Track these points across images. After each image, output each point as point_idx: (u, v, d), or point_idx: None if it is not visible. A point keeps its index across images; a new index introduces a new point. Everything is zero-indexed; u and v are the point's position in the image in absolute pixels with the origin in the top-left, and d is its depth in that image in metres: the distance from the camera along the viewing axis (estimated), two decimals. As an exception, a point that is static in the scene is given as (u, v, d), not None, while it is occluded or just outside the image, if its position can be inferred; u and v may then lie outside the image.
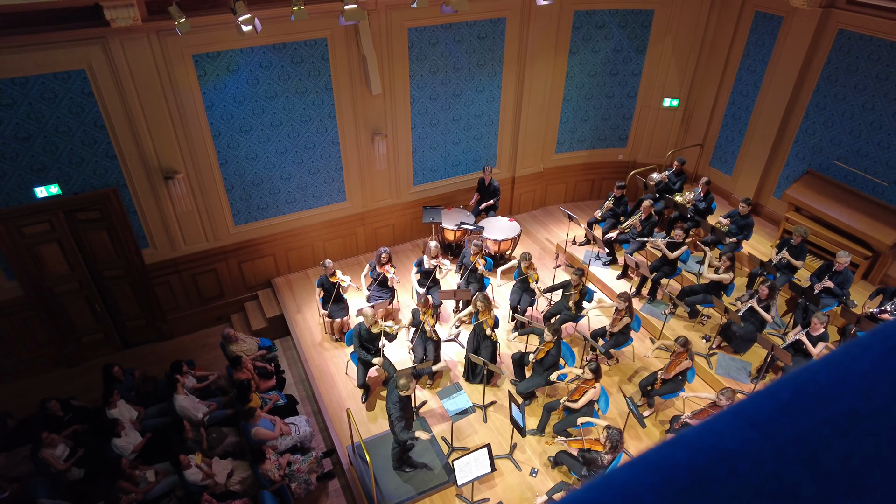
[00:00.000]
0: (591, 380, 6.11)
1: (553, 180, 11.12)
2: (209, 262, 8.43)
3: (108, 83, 6.69)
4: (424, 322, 6.97)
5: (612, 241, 9.11)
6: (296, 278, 9.29)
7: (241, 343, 7.53)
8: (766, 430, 0.47)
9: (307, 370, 7.68)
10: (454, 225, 9.27)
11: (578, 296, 7.54)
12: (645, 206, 8.53)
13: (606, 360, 7.56)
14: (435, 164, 9.68)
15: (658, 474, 0.46)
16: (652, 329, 8.14)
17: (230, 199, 8.17)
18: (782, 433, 0.47)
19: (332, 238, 9.39)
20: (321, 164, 8.62)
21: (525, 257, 7.70)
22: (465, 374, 7.37)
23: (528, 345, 7.16)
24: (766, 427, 0.47)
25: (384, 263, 7.92)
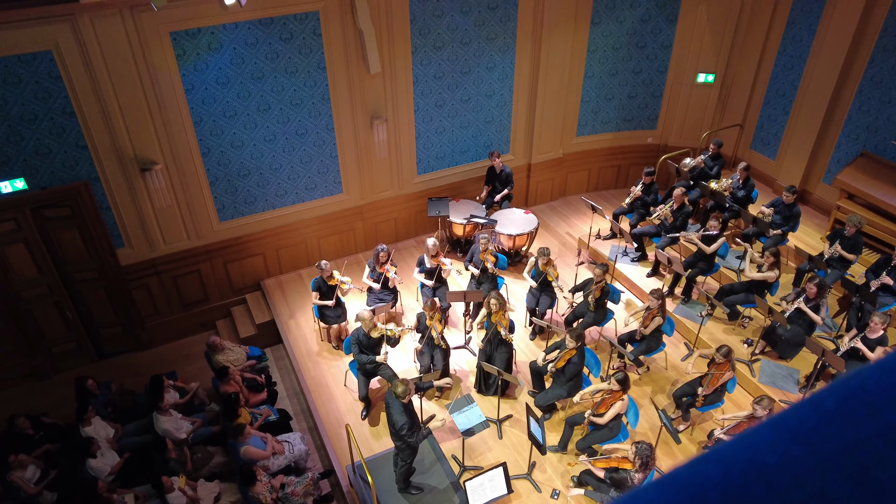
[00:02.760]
0: (619, 391, 6.10)
1: (574, 167, 11.08)
2: (191, 262, 8.49)
3: (78, 65, 6.74)
4: (431, 328, 6.99)
5: (640, 235, 9.07)
6: (288, 280, 9.33)
7: (228, 352, 7.57)
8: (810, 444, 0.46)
9: (301, 382, 7.72)
10: (463, 218, 9.27)
11: (599, 293, 7.53)
12: (677, 195, 8.49)
13: (636, 367, 7.54)
14: (441, 151, 9.68)
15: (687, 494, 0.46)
16: (687, 333, 8.10)
17: (214, 192, 8.21)
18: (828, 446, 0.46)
19: (328, 234, 9.41)
20: (314, 153, 8.64)
21: (543, 253, 7.70)
22: (477, 385, 7.38)
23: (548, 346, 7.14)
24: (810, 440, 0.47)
25: (384, 262, 7.94)
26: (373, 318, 6.86)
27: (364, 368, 6.96)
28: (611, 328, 8.14)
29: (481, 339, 7.18)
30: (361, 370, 6.99)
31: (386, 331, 6.84)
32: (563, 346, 6.59)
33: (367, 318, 6.77)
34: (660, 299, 7.03)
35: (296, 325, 8.58)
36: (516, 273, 9.33)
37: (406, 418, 5.81)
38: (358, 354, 6.89)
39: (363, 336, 6.86)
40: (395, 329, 6.92)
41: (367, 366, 6.91)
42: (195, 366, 8.35)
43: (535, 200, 11.12)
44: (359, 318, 6.83)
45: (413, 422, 5.91)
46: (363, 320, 6.78)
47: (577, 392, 6.69)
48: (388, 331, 6.84)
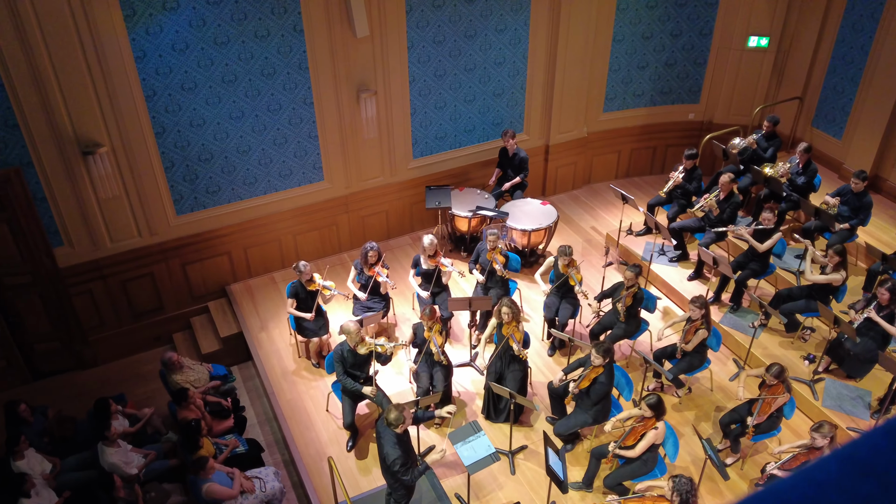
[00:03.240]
0: (651, 418, 6.10)
1: (600, 149, 11.07)
2: (143, 263, 8.50)
3: (7, 31, 6.74)
4: (430, 341, 6.99)
5: (681, 230, 9.07)
6: (259, 284, 9.34)
7: (188, 371, 7.58)
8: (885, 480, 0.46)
9: (275, 406, 7.73)
10: (468, 211, 9.28)
11: (631, 300, 7.52)
12: (724, 182, 8.50)
13: (675, 389, 7.53)
14: (441, 130, 9.68)
15: (737, 541, 0.45)
16: (736, 347, 8.09)
17: (170, 180, 8.22)
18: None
19: (307, 230, 9.42)
20: (290, 132, 8.64)
21: (564, 252, 7.70)
22: (485, 410, 7.38)
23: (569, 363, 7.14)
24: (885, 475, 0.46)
25: (373, 264, 7.95)
26: (360, 331, 6.86)
27: (349, 390, 6.96)
28: (645, 342, 8.13)
29: (490, 356, 7.19)
30: (347, 392, 7.00)
31: (376, 346, 6.84)
32: (588, 364, 6.59)
33: (352, 330, 6.77)
34: (703, 308, 7.03)
35: (268, 338, 8.59)
36: (531, 276, 9.33)
37: (400, 451, 5.80)
38: (342, 375, 6.89)
39: (348, 352, 6.86)
40: (387, 344, 6.93)
41: (352, 389, 6.91)
42: (148, 387, 8.35)
43: (555, 189, 11.11)
44: (343, 330, 6.84)
45: (408, 455, 5.91)
46: (348, 333, 6.78)
47: (604, 418, 6.68)
48: (378, 346, 6.85)
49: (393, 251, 9.91)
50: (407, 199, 9.93)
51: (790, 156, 9.47)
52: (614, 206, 10.69)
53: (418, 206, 10.00)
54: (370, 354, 6.86)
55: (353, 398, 7.03)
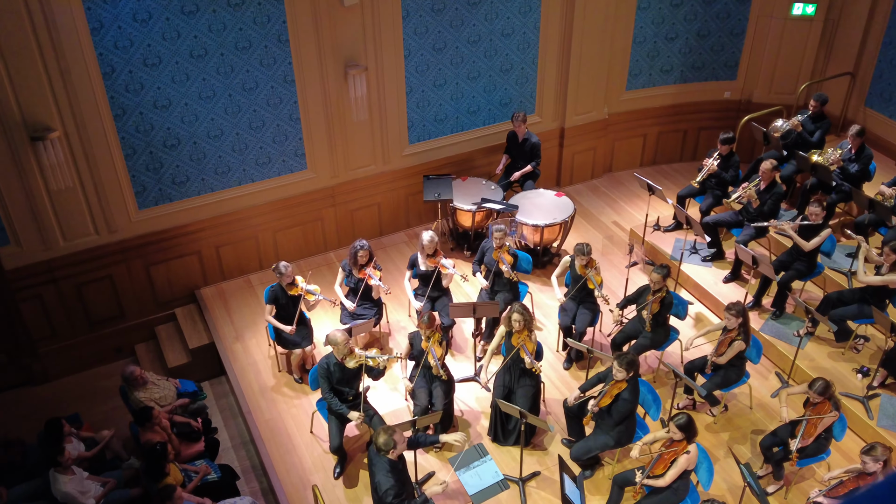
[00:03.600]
0: (681, 440, 6.08)
1: (623, 132, 11.03)
2: (101, 265, 8.49)
3: (-56, -3, 6.74)
4: (428, 353, 6.97)
5: (715, 225, 9.05)
6: (233, 288, 9.32)
7: (152, 388, 7.58)
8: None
9: (252, 427, 7.72)
10: (472, 203, 9.26)
11: (659, 306, 7.50)
12: (766, 170, 8.47)
13: (709, 407, 7.50)
14: (441, 112, 9.66)
15: None
16: (779, 358, 8.07)
17: (131, 169, 8.21)
18: None
19: (288, 226, 9.41)
20: (268, 115, 8.62)
21: (582, 251, 7.69)
22: (492, 431, 7.36)
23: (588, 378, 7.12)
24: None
25: (364, 265, 7.94)
26: (348, 342, 6.85)
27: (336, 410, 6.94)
28: (674, 353, 8.10)
29: (497, 369, 7.18)
30: (333, 411, 6.99)
31: (366, 359, 6.83)
32: (610, 378, 6.57)
33: (340, 341, 6.75)
34: (741, 316, 6.99)
35: (244, 349, 8.58)
36: (545, 278, 9.31)
37: (393, 480, 5.78)
38: (327, 393, 6.88)
39: (335, 366, 6.85)
40: (380, 357, 6.91)
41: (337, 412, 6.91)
42: (107, 406, 8.33)
43: (571, 178, 11.08)
44: (329, 341, 6.82)
45: (404, 485, 5.88)
46: (335, 344, 6.77)
47: (627, 440, 6.66)
48: (369, 359, 6.84)
49: (386, 250, 9.89)
50: (402, 191, 9.90)
51: (840, 140, 9.45)
52: (639, 197, 10.66)
53: (415, 198, 9.98)
54: (360, 368, 6.84)
55: (341, 419, 7.01)
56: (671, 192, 10.13)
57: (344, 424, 7.07)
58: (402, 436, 5.90)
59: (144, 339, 9.11)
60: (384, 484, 5.76)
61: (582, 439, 6.93)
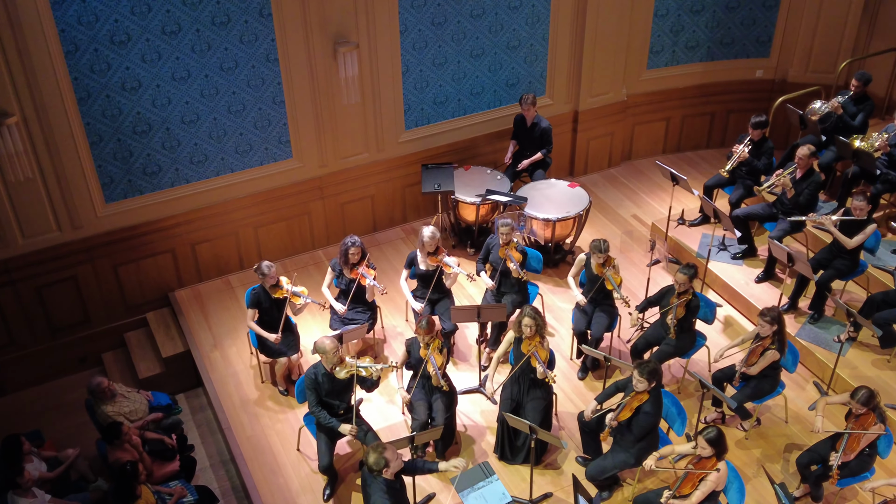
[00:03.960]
0: (710, 457, 6.10)
1: (644, 116, 11.06)
2: (64, 265, 8.51)
3: None
4: (427, 361, 7.00)
5: (746, 218, 9.08)
6: (211, 290, 9.37)
7: (122, 401, 7.56)
8: None
9: (232, 445, 7.74)
10: (476, 195, 9.30)
11: (684, 310, 7.53)
12: (802, 157, 8.44)
13: (740, 421, 7.56)
14: (441, 93, 9.70)
15: None
16: (817, 366, 8.10)
17: (97, 158, 8.23)
18: None
19: (271, 221, 9.44)
20: (249, 98, 8.66)
21: (598, 247, 7.69)
22: (498, 448, 7.39)
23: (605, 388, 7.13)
24: None
25: (355, 264, 7.96)
26: (338, 350, 6.85)
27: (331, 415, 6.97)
28: (701, 360, 8.14)
29: (505, 379, 7.22)
30: (322, 428, 7.05)
31: (358, 368, 6.84)
32: (630, 389, 6.59)
33: (329, 349, 6.76)
34: (776, 323, 6.99)
35: (223, 358, 8.61)
36: (557, 278, 9.35)
37: (390, 502, 5.84)
38: (315, 406, 6.90)
39: (324, 377, 6.87)
40: (373, 366, 6.91)
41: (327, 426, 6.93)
42: (71, 422, 8.35)
43: (585, 167, 11.10)
44: (317, 349, 6.83)
45: None
46: (324, 353, 6.78)
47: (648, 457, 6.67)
48: (361, 368, 6.85)
49: (381, 247, 9.93)
50: (398, 182, 9.94)
51: (885, 123, 9.41)
52: (661, 188, 10.70)
53: (412, 189, 10.02)
54: (351, 379, 6.85)
55: (331, 434, 7.04)
56: (697, 182, 10.17)
57: (334, 441, 7.09)
58: (396, 453, 5.89)
59: (112, 348, 9.13)
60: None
61: (599, 457, 6.95)
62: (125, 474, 6.52)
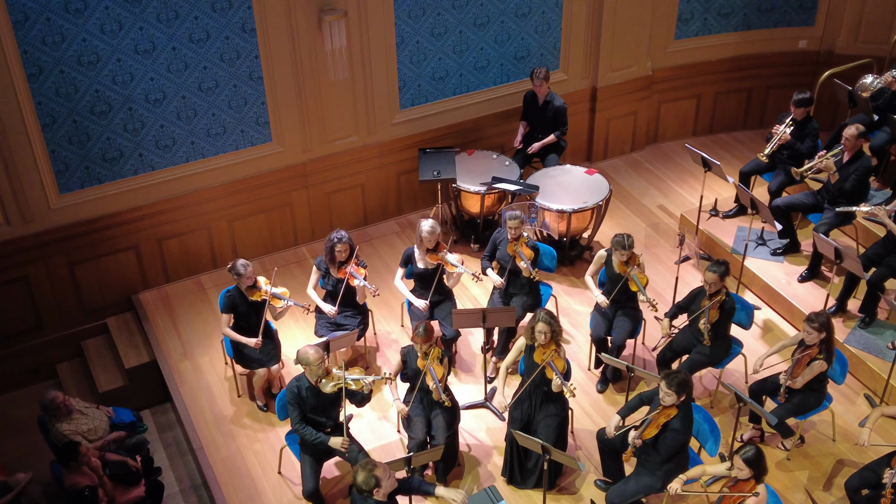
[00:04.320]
0: (749, 479, 6.08)
1: (671, 93, 11.05)
2: (13, 264, 8.49)
3: None
4: (426, 372, 7.00)
5: (788, 209, 9.06)
6: (180, 292, 9.37)
7: (80, 418, 7.55)
8: None
9: (205, 467, 7.72)
10: (480, 184, 9.30)
11: (718, 313, 7.51)
12: (850, 137, 8.41)
13: (781, 439, 7.54)
14: (441, 68, 9.68)
15: None
16: (869, 377, 8.08)
17: (50, 142, 8.22)
18: None
19: (248, 214, 9.44)
20: (223, 73, 8.65)
21: (622, 243, 7.67)
22: (507, 471, 7.37)
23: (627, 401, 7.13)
24: None
25: (343, 262, 7.95)
26: (324, 360, 6.84)
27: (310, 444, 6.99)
28: (737, 370, 8.13)
29: (514, 392, 7.21)
30: (307, 448, 7.04)
31: (347, 381, 6.82)
32: (656, 403, 6.58)
33: (313, 360, 6.73)
34: (825, 330, 6.96)
35: (194, 369, 8.61)
36: (572, 277, 9.34)
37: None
38: (298, 424, 6.87)
39: (308, 391, 6.86)
40: (364, 379, 6.89)
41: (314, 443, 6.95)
42: (21, 442, 8.35)
43: (605, 152, 11.11)
44: (300, 360, 6.81)
45: None
46: (307, 364, 6.75)
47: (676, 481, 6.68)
48: (350, 381, 6.83)
49: (373, 243, 9.94)
50: (392, 169, 9.94)
51: (946, 101, 9.39)
52: (692, 175, 10.69)
53: (408, 177, 10.03)
54: (340, 393, 6.83)
55: (317, 455, 7.03)
56: (732, 167, 10.16)
57: (321, 463, 7.08)
58: (388, 471, 5.88)
59: (68, 358, 9.13)
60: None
61: (621, 480, 6.92)
62: (83, 501, 6.57)
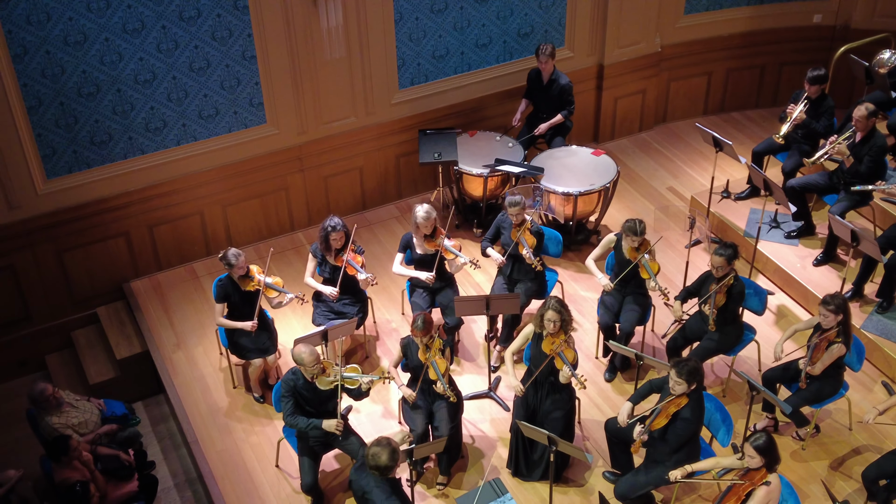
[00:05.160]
0: (761, 468, 6.07)
1: (681, 70, 11.01)
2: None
3: None
4: (427, 364, 6.99)
5: (803, 190, 9.02)
6: (172, 280, 9.35)
7: (70, 411, 7.57)
8: None
9: (200, 461, 7.73)
10: (483, 166, 9.26)
11: (725, 297, 7.49)
12: (859, 117, 8.38)
13: (796, 428, 7.53)
14: (441, 45, 9.63)
15: None
16: (886, 364, 8.07)
17: (37, 126, 8.19)
18: None
19: (242, 199, 9.43)
20: (214, 52, 8.60)
21: (633, 229, 7.64)
22: (512, 463, 7.38)
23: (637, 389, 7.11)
24: None
25: (339, 249, 7.93)
26: (319, 361, 6.80)
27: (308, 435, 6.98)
28: (750, 358, 8.12)
29: (520, 382, 7.17)
30: (304, 441, 7.02)
31: (344, 379, 6.85)
32: (666, 391, 6.57)
33: (307, 360, 6.70)
34: (841, 312, 6.94)
35: (187, 360, 8.60)
36: (578, 262, 9.30)
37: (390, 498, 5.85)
38: (290, 416, 6.86)
39: (304, 385, 6.86)
40: (362, 378, 6.92)
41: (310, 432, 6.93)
42: (9, 436, 8.36)
43: (612, 132, 11.08)
44: (294, 358, 6.80)
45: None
46: (302, 364, 6.74)
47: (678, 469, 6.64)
48: (346, 377, 6.86)
49: (372, 229, 9.91)
50: (391, 151, 9.91)
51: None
52: (702, 155, 10.66)
53: (408, 160, 10.00)
54: (336, 388, 6.87)
55: (315, 448, 7.04)
56: (745, 147, 10.13)
57: (319, 456, 7.10)
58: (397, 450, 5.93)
59: (58, 348, 9.13)
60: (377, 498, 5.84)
61: (630, 472, 6.93)
62: (74, 496, 6.63)
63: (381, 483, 5.85)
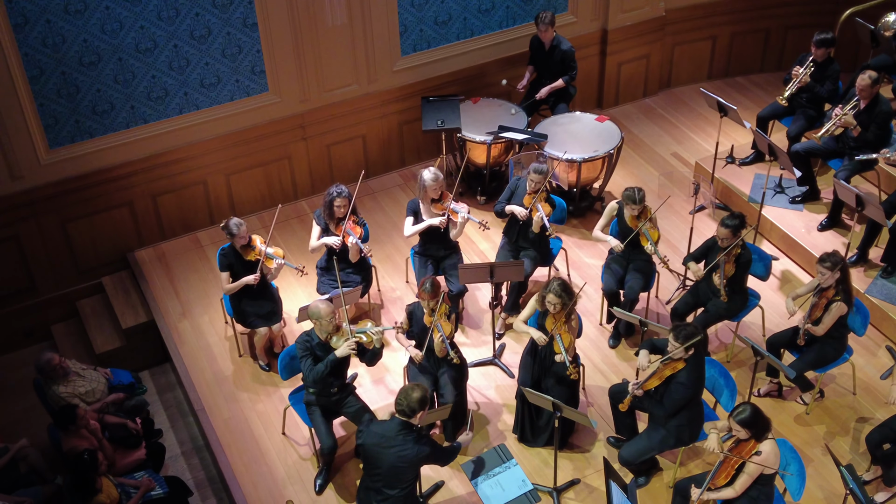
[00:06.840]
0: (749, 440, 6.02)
1: (685, 34, 10.95)
2: (3, 222, 8.50)
3: None
4: (433, 328, 7.01)
5: (808, 155, 9.01)
6: (176, 249, 9.37)
7: (76, 380, 7.60)
8: None
9: (207, 429, 7.79)
10: (486, 133, 9.27)
11: (734, 267, 7.51)
12: (863, 86, 8.33)
13: (800, 393, 7.57)
14: (444, 11, 9.60)
15: None
16: (892, 328, 8.09)
17: (38, 95, 8.19)
18: None
19: (245, 167, 9.43)
20: (215, 20, 8.58)
21: (633, 197, 7.65)
22: (517, 429, 7.43)
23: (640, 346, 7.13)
24: None
25: (341, 218, 7.93)
26: (335, 315, 6.86)
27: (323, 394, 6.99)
28: (754, 323, 8.15)
29: (524, 349, 7.23)
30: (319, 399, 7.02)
31: (355, 334, 6.83)
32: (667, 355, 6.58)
33: (324, 314, 6.74)
34: (840, 270, 6.96)
35: (193, 329, 8.65)
36: (582, 229, 9.33)
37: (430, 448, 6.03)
38: (309, 370, 6.81)
39: (318, 346, 6.88)
40: (374, 330, 6.89)
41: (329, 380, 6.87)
42: (17, 406, 8.42)
43: (616, 97, 11.06)
44: (310, 314, 6.83)
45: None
46: (318, 318, 6.76)
47: (690, 437, 6.68)
48: (359, 334, 6.84)
49: (375, 196, 9.93)
50: (394, 119, 9.90)
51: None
52: (707, 120, 10.64)
53: (411, 127, 9.99)
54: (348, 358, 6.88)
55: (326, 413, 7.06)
56: (750, 112, 10.10)
57: (330, 420, 7.10)
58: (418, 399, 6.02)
59: (63, 318, 9.17)
60: (423, 450, 5.99)
61: (634, 437, 6.98)
62: (82, 465, 6.57)
63: (414, 435, 5.94)
